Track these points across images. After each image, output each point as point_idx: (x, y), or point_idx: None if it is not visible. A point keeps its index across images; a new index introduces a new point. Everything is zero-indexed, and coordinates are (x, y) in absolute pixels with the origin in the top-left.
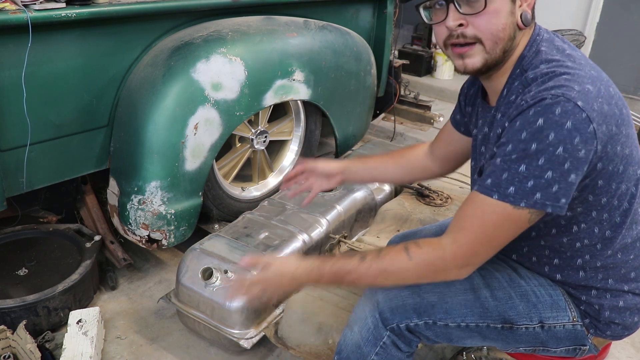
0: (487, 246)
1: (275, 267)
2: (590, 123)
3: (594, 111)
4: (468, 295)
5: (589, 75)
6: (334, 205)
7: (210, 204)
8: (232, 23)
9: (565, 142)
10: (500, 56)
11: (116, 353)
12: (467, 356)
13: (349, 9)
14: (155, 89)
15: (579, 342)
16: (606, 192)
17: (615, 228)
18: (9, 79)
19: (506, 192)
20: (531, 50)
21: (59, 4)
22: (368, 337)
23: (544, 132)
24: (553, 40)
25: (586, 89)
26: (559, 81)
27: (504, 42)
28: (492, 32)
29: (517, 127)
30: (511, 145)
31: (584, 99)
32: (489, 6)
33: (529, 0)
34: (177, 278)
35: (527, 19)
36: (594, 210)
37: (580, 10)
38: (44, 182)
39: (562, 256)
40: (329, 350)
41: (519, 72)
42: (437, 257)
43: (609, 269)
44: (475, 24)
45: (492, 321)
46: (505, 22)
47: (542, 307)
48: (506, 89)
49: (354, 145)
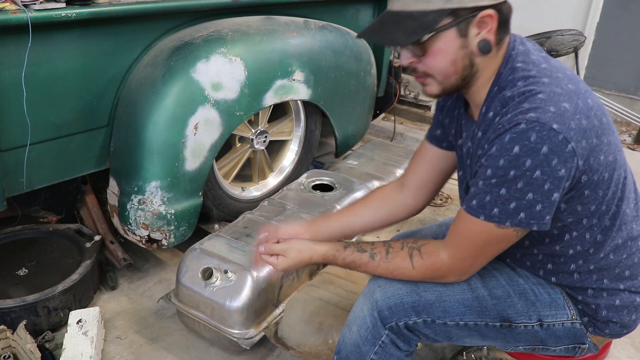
0: (480, 259)
1: (293, 255)
2: (568, 143)
3: (571, 130)
4: (466, 295)
5: (566, 91)
6: (334, 205)
7: (210, 204)
8: (232, 23)
9: (542, 165)
10: (459, 83)
11: (116, 353)
12: (467, 356)
13: (349, 9)
14: (155, 89)
15: (578, 341)
16: (594, 200)
17: (606, 231)
18: (9, 79)
19: (491, 213)
20: (507, 66)
21: (59, 4)
22: (367, 337)
23: (520, 159)
24: (529, 53)
25: (562, 108)
26: (534, 102)
27: (457, 74)
28: (439, 69)
29: (495, 153)
30: (490, 171)
31: (560, 120)
32: (431, 48)
33: (489, 27)
34: (177, 278)
35: (485, 47)
36: (584, 218)
37: (580, 10)
38: (44, 182)
39: (555, 261)
40: (329, 350)
41: (497, 89)
42: (436, 269)
43: (603, 270)
44: (424, 62)
45: (491, 320)
46: (454, 57)
47: (541, 306)
48: (485, 107)
49: (354, 145)
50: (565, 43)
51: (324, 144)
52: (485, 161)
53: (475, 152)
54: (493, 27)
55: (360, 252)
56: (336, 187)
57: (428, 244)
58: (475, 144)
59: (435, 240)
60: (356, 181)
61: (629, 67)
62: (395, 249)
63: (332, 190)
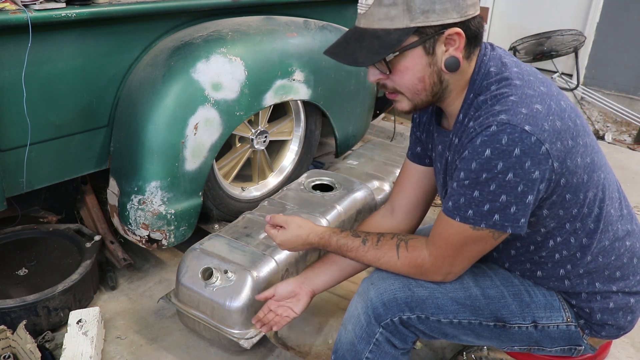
0: (460, 259)
1: (293, 228)
2: (541, 144)
3: (544, 131)
4: (458, 293)
5: (538, 92)
6: (334, 205)
7: (210, 204)
8: (232, 23)
9: (515, 167)
10: (430, 99)
11: (116, 353)
12: (467, 356)
13: (349, 9)
14: (155, 89)
15: (573, 342)
16: (575, 203)
17: (591, 235)
18: (9, 79)
19: (466, 214)
20: (480, 72)
21: (59, 4)
22: (361, 335)
23: (492, 162)
24: (500, 57)
25: (534, 109)
26: (505, 104)
27: (426, 91)
28: (407, 87)
29: (467, 156)
30: (463, 174)
31: (532, 121)
32: (398, 67)
33: (457, 44)
34: (177, 278)
35: (453, 65)
36: (566, 222)
37: (580, 10)
38: (44, 182)
39: (543, 268)
40: (329, 350)
41: (472, 96)
42: (419, 264)
43: (593, 273)
44: (392, 79)
45: (485, 319)
46: (421, 74)
47: (536, 307)
48: (462, 114)
49: (354, 145)
50: (565, 43)
51: (324, 144)
52: (459, 164)
53: (454, 158)
54: (460, 44)
55: (354, 236)
56: (336, 187)
57: (415, 239)
58: (452, 151)
59: (422, 237)
60: (356, 181)
61: (629, 67)
62: (386, 238)
63: (332, 190)
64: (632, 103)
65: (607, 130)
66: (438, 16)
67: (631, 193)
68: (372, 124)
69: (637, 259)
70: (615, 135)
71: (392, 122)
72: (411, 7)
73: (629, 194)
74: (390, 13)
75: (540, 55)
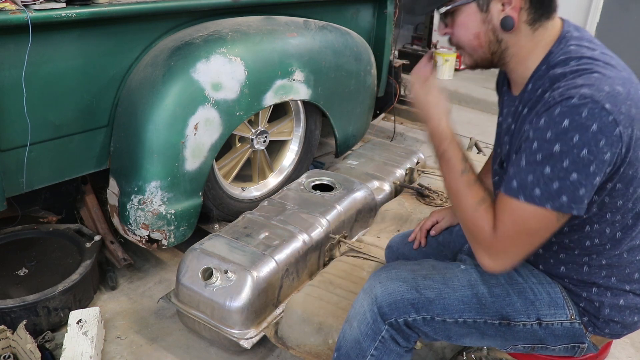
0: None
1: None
2: (617, 126)
3: (621, 114)
4: (465, 292)
5: (620, 76)
6: (334, 205)
7: (210, 204)
8: (232, 23)
9: (590, 144)
10: (490, 57)
11: (116, 353)
12: (467, 356)
13: (349, 9)
14: (155, 89)
15: (577, 340)
16: (623, 195)
17: (627, 230)
18: (9, 79)
19: (532, 193)
20: (559, 46)
21: (59, 4)
22: (367, 332)
23: (569, 133)
24: (583, 39)
25: (616, 90)
26: (589, 79)
27: (483, 48)
28: (464, 42)
29: (543, 125)
30: (536, 144)
31: (613, 101)
32: (456, 21)
33: (513, 4)
34: (177, 278)
35: (507, 24)
36: (608, 212)
37: (580, 10)
38: (44, 182)
39: (569, 252)
40: (329, 350)
41: (545, 68)
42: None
43: (614, 267)
44: (454, 34)
45: (490, 317)
46: (476, 31)
47: (540, 305)
48: (531, 84)
49: (354, 145)
50: None
51: (324, 144)
52: (533, 134)
53: (519, 128)
54: (517, 4)
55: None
56: (336, 187)
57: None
58: (520, 121)
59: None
60: (356, 181)
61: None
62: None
63: (332, 190)
64: None
65: None
66: None
67: None
68: (372, 124)
69: None
70: None
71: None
72: None
73: None
74: None
75: None
